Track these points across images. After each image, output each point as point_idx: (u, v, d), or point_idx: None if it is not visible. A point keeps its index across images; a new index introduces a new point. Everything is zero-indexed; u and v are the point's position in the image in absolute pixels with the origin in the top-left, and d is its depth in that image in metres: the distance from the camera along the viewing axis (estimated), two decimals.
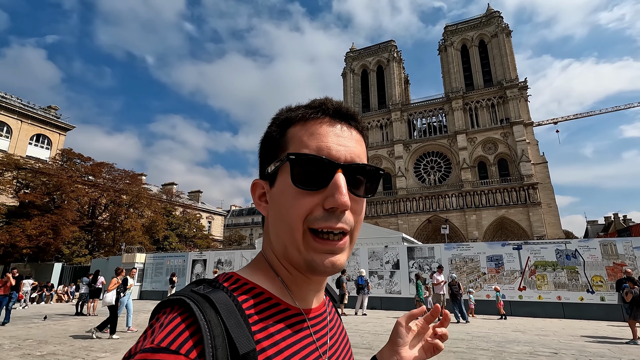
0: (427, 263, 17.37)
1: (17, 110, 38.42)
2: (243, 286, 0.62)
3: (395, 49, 73.44)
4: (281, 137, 0.67)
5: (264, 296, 0.62)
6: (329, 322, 0.74)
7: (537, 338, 10.00)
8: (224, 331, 0.51)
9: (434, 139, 64.39)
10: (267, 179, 0.68)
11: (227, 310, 0.54)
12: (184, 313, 0.52)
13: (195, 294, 0.55)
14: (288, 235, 0.62)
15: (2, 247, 27.94)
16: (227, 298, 0.56)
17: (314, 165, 0.61)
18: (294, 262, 0.64)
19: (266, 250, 0.70)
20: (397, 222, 60.93)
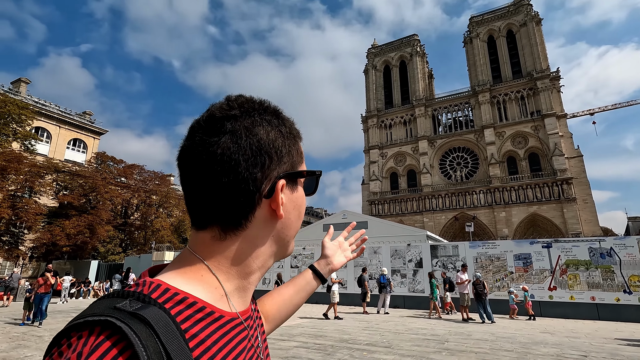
0: (451, 261, 16.99)
1: (56, 117, 40.82)
2: (174, 297, 0.54)
3: (419, 43, 71.94)
4: (294, 146, 0.69)
5: (197, 306, 0.55)
6: (257, 319, 0.74)
7: (566, 340, 9.58)
8: (164, 356, 0.44)
9: (460, 134, 62.65)
10: (286, 178, 0.66)
11: (165, 331, 0.46)
12: (112, 337, 0.42)
13: (121, 311, 0.45)
14: (293, 233, 0.70)
15: (45, 245, 29.83)
16: (163, 315, 0.48)
17: (315, 183, 0.74)
18: (284, 254, 0.72)
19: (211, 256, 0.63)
20: (423, 220, 59.84)
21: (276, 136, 0.65)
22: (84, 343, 0.42)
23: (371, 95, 72.02)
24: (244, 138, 0.61)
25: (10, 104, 31.28)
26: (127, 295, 0.50)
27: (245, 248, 0.64)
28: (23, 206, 28.91)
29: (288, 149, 0.67)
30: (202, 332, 0.53)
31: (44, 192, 32.15)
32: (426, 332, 10.78)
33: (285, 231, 0.68)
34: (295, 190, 0.69)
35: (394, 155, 67.16)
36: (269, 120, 0.66)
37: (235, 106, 0.65)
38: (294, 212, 0.69)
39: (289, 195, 0.67)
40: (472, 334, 10.41)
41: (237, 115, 0.63)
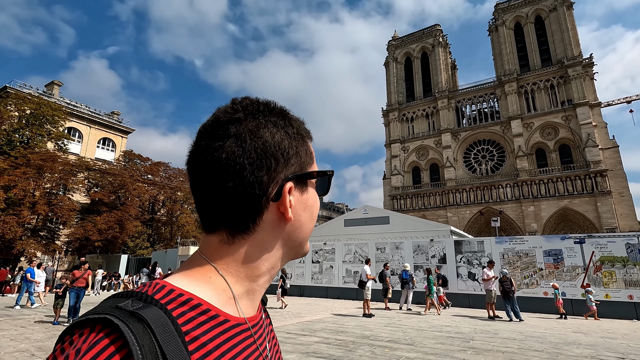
0: (476, 257, 16.52)
1: (86, 117, 42.58)
2: (178, 298, 0.53)
3: (441, 34, 69.98)
4: (303, 147, 0.68)
5: (201, 308, 0.55)
6: (266, 326, 0.72)
7: (601, 340, 9.10)
8: (160, 356, 0.44)
9: (485, 126, 60.65)
10: (295, 180, 0.65)
11: (163, 331, 0.46)
12: (111, 335, 0.43)
13: (121, 310, 0.46)
14: (308, 235, 0.69)
15: (78, 240, 31.29)
16: (162, 315, 0.48)
17: (327, 183, 0.72)
18: (298, 254, 0.70)
19: (222, 258, 0.62)
20: (446, 215, 58.56)
21: (282, 138, 0.64)
22: (84, 340, 0.43)
23: (392, 88, 70.83)
24: (248, 141, 0.60)
25: (45, 106, 32.87)
26: (130, 296, 0.51)
27: (253, 252, 0.63)
28: (58, 203, 30.37)
29: (295, 150, 0.65)
30: (204, 336, 0.52)
31: (76, 190, 33.67)
32: (450, 329, 10.53)
33: (297, 233, 0.66)
34: (306, 191, 0.67)
35: (416, 149, 65.94)
36: (275, 121, 0.64)
37: (240, 109, 0.63)
38: (304, 214, 0.67)
39: (299, 197, 0.65)
40: (499, 333, 10.08)
41: (241, 118, 0.62)
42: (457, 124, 63.97)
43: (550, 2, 58.76)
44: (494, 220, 29.57)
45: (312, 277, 21.03)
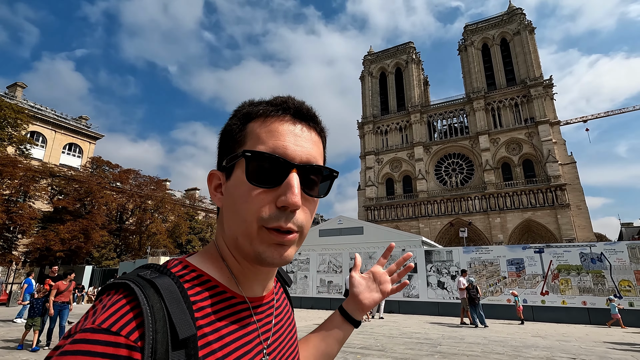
0: (445, 267, 17.14)
1: (51, 121, 40.76)
2: (191, 273, 0.63)
3: (414, 50, 72.82)
4: (240, 131, 0.68)
5: (210, 284, 0.64)
6: (276, 309, 0.76)
7: (557, 344, 9.72)
8: (166, 316, 0.52)
9: (455, 141, 63.22)
10: (223, 170, 0.69)
11: (170, 296, 0.55)
12: (128, 296, 0.53)
13: (141, 278, 0.56)
14: (241, 228, 0.64)
15: (39, 250, 29.59)
16: (172, 284, 0.57)
17: (269, 163, 0.62)
18: (245, 252, 0.65)
19: (218, 240, 0.71)
20: (419, 226, 60.05)
21: (222, 130, 0.72)
22: (109, 299, 0.54)
23: (367, 101, 72.61)
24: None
25: (6, 108, 31.20)
26: (151, 267, 0.61)
27: (219, 229, 0.72)
28: (17, 210, 28.71)
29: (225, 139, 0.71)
30: (210, 307, 0.61)
31: (38, 197, 31.97)
32: (420, 336, 10.88)
33: (227, 220, 0.67)
34: (230, 177, 0.67)
35: (389, 161, 67.54)
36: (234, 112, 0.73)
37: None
38: (228, 201, 0.67)
39: (226, 186, 0.68)
40: (465, 338, 10.53)
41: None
42: (429, 138, 66.27)
43: (514, 26, 62.73)
44: (462, 231, 30.84)
45: None
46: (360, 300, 0.96)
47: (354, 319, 0.98)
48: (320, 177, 0.67)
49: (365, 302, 0.96)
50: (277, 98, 0.69)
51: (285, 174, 0.62)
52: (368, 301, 0.96)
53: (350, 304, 0.98)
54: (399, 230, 34.35)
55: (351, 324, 0.98)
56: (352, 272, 1.01)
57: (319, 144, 0.70)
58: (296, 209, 0.62)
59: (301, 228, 0.65)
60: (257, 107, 0.68)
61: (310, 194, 0.66)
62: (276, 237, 0.62)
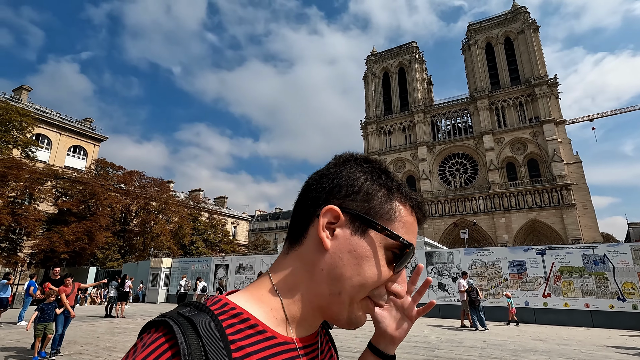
0: (446, 268, 17.03)
1: (56, 124, 41.18)
2: (230, 311, 0.61)
3: (417, 50, 72.54)
4: (386, 204, 0.67)
5: (250, 322, 0.61)
6: (320, 352, 0.73)
7: (557, 347, 9.60)
8: (203, 355, 0.52)
9: (459, 140, 62.86)
10: (349, 215, 0.66)
11: (208, 334, 0.55)
12: (167, 334, 0.54)
13: (180, 316, 0.56)
14: (353, 290, 0.63)
15: (43, 252, 29.92)
16: (211, 322, 0.57)
17: (405, 256, 0.66)
18: (333, 311, 0.65)
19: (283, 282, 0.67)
20: (422, 226, 58.85)
21: (359, 176, 0.68)
22: (149, 336, 0.55)
23: (370, 101, 72.47)
24: (331, 170, 0.70)
25: (12, 111, 31.57)
26: (190, 305, 0.61)
27: (299, 266, 0.67)
28: (22, 212, 29.02)
29: (367, 191, 0.67)
30: (250, 347, 0.58)
31: (43, 199, 32.30)
32: (418, 339, 10.81)
33: (334, 270, 0.64)
34: (361, 236, 0.65)
35: (393, 161, 67.31)
36: (365, 166, 0.71)
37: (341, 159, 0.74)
38: (347, 256, 0.64)
39: (347, 236, 0.65)
40: (464, 341, 10.44)
41: (339, 163, 0.73)
42: (433, 138, 65.96)
43: (518, 24, 62.24)
44: (463, 232, 30.55)
45: None
46: (390, 334, 0.85)
47: (386, 355, 0.89)
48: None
49: (396, 335, 0.86)
50: (416, 196, 0.73)
51: (404, 268, 0.69)
52: (399, 333, 0.86)
53: (380, 341, 0.88)
54: None
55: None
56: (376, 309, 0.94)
57: None
58: (400, 299, 0.71)
59: None
60: (404, 191, 0.71)
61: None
62: (371, 306, 0.68)
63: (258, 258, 23.14)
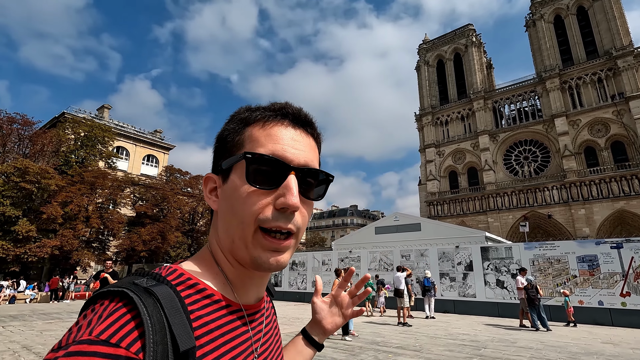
0: (504, 264, 15.84)
1: (132, 137, 46.25)
2: (187, 281, 0.61)
3: (474, 33, 67.89)
4: (238, 135, 0.68)
5: (206, 292, 0.62)
6: (265, 318, 0.77)
7: (629, 352, 8.46)
8: (166, 327, 0.50)
9: (526, 126, 57.55)
10: (219, 173, 0.69)
11: (170, 306, 0.53)
12: (127, 306, 0.50)
13: (137, 286, 0.53)
14: (238, 230, 0.64)
15: (126, 250, 33.87)
16: (171, 293, 0.55)
17: (268, 165, 0.63)
18: (240, 257, 0.65)
19: (212, 244, 0.71)
20: (487, 220, 55.96)
21: (220, 132, 0.72)
22: (105, 308, 0.50)
23: (424, 92, 69.57)
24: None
25: (97, 128, 36.25)
26: (146, 275, 0.58)
27: (213, 231, 0.72)
28: (108, 216, 33.16)
29: (225, 139, 0.70)
30: (207, 316, 0.59)
31: (124, 204, 36.55)
32: (466, 337, 10.27)
33: (223, 223, 0.67)
34: (226, 182, 0.67)
35: (452, 152, 63.94)
36: (228, 120, 0.73)
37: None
38: (224, 205, 0.67)
39: (222, 190, 0.68)
40: (518, 342, 9.68)
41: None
42: (495, 125, 61.27)
43: None
44: (522, 225, 27.93)
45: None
46: (324, 325, 0.97)
47: (317, 343, 0.98)
48: (317, 181, 0.69)
49: (328, 327, 0.97)
50: (276, 104, 0.71)
51: (284, 176, 0.63)
52: (331, 326, 0.97)
53: (313, 329, 0.99)
54: (459, 226, 32.37)
55: (314, 348, 0.98)
56: (314, 298, 1.00)
57: (315, 149, 0.72)
58: (295, 210, 0.63)
59: (299, 230, 0.66)
60: (255, 112, 0.70)
61: (307, 196, 0.67)
62: (271, 243, 0.63)
63: (310, 255, 23.68)
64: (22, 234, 26.88)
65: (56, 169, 32.13)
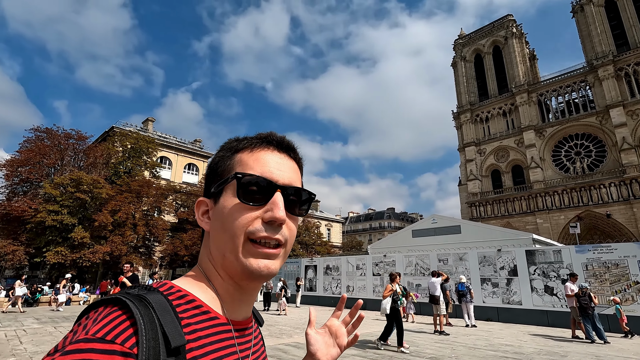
0: (553, 269, 14.61)
1: (174, 147, 48.66)
2: (177, 292, 0.66)
3: (514, 24, 64.30)
4: (229, 161, 0.76)
5: (195, 303, 0.66)
6: (254, 338, 0.80)
7: None
8: (158, 326, 0.54)
9: (577, 119, 53.33)
10: (211, 197, 0.75)
11: (161, 308, 0.57)
12: (121, 309, 0.55)
13: (129, 294, 0.58)
14: (229, 244, 0.69)
15: (169, 255, 35.53)
16: (162, 299, 0.60)
17: (257, 184, 0.70)
18: (232, 269, 0.70)
19: (203, 263, 0.76)
20: (536, 221, 52.37)
21: (211, 161, 0.80)
22: (99, 314, 0.55)
23: (462, 88, 66.85)
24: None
25: (142, 140, 38.54)
26: (138, 287, 0.64)
27: (204, 251, 0.77)
28: (154, 223, 35.02)
29: (216, 165, 0.78)
30: (197, 325, 0.63)
31: (167, 211, 38.43)
32: (509, 349, 9.51)
33: (215, 242, 0.73)
34: (218, 201, 0.73)
35: (494, 150, 60.74)
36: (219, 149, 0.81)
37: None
38: (215, 224, 0.73)
39: (214, 211, 0.74)
40: (569, 355, 8.79)
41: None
42: (542, 120, 57.41)
43: None
44: (572, 227, 25.63)
45: (374, 290, 20.69)
46: (318, 357, 0.92)
47: None
48: (300, 198, 0.75)
49: (323, 359, 0.93)
50: (261, 134, 0.79)
51: (272, 194, 0.70)
52: (326, 358, 0.93)
53: None
54: (504, 228, 30.54)
55: None
56: (308, 329, 0.96)
57: (297, 171, 0.80)
58: (282, 222, 0.70)
59: (286, 241, 0.72)
60: (243, 141, 0.78)
61: (292, 212, 0.74)
62: (262, 250, 0.69)
63: (344, 259, 23.40)
64: (77, 240, 29.08)
65: (106, 179, 34.50)
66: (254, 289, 0.76)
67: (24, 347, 9.09)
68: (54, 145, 34.16)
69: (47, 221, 28.15)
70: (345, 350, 0.97)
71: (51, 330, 11.96)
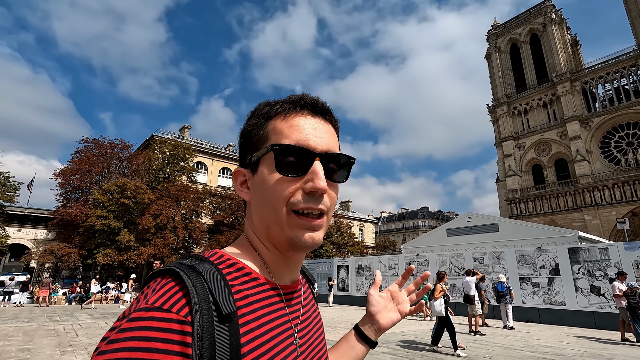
0: (600, 268, 13.72)
1: (209, 152, 50.62)
2: (227, 261, 0.68)
3: (553, 9, 60.75)
4: (262, 129, 0.73)
5: (244, 270, 0.68)
6: (303, 300, 0.81)
7: None
8: (209, 294, 0.57)
9: (628, 107, 49.42)
10: (248, 167, 0.74)
11: (212, 278, 0.60)
12: (175, 280, 0.58)
13: (183, 265, 0.61)
14: (272, 216, 0.69)
15: None
16: (212, 268, 0.62)
17: (295, 154, 0.68)
18: (277, 240, 0.70)
19: (248, 232, 0.77)
20: (583, 218, 49.12)
21: (243, 129, 0.78)
22: (157, 284, 0.59)
23: (497, 81, 64.09)
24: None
25: (179, 146, 40.49)
26: (190, 257, 0.66)
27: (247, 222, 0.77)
28: (192, 226, 36.64)
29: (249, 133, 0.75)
30: (247, 290, 0.65)
31: (204, 214, 40.03)
32: (549, 350, 9.10)
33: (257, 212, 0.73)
34: (255, 174, 0.72)
35: (534, 144, 57.67)
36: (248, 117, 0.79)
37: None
38: (255, 195, 0.72)
39: (253, 182, 0.73)
40: (614, 358, 8.28)
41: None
42: (587, 109, 53.78)
43: None
44: (621, 222, 23.77)
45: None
46: (377, 320, 0.94)
47: (369, 339, 0.95)
48: (339, 164, 0.74)
49: (382, 322, 0.94)
50: (293, 96, 0.76)
51: (310, 163, 0.68)
52: (385, 321, 0.94)
53: (366, 323, 0.96)
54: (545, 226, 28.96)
55: (367, 344, 0.95)
56: (371, 290, 0.98)
57: (334, 135, 0.77)
58: (324, 192, 0.68)
59: (328, 209, 0.71)
60: (275, 106, 0.74)
61: (332, 179, 0.72)
62: (306, 222, 0.68)
63: (375, 259, 23.28)
64: (124, 243, 31.09)
65: (148, 185, 36.58)
66: (299, 259, 0.76)
67: (79, 339, 9.97)
68: (101, 155, 36.77)
69: (97, 225, 30.34)
70: (406, 316, 0.97)
71: (102, 325, 12.96)
